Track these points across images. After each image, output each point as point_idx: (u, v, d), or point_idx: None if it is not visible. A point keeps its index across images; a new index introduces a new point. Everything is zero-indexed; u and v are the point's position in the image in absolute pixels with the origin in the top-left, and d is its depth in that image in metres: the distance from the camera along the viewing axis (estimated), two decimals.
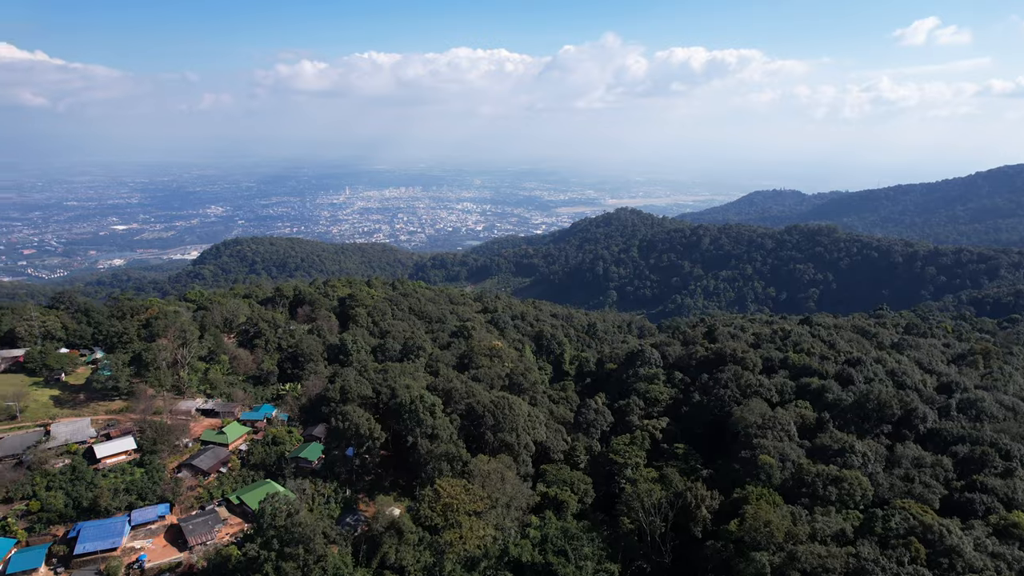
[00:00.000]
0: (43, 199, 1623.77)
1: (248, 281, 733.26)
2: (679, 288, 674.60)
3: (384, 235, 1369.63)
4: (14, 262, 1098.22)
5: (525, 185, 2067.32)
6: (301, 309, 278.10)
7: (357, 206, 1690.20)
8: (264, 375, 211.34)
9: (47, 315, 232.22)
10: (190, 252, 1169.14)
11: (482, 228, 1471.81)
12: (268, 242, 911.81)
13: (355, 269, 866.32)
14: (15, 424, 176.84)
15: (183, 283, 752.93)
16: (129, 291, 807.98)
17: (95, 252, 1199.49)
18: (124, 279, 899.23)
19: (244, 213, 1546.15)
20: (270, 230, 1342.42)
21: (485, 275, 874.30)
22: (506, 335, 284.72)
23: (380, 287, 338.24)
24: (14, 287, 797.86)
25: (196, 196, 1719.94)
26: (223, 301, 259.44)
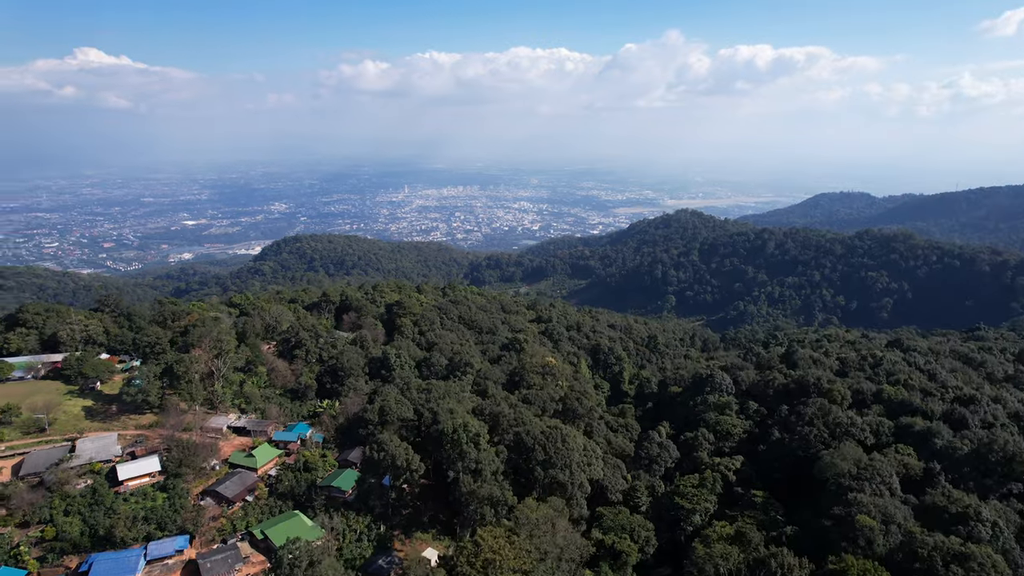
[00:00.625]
0: (123, 195, 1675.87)
1: (305, 279, 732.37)
2: (742, 294, 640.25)
3: (441, 233, 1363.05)
4: (95, 254, 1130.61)
5: (582, 185, 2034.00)
6: (347, 316, 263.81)
7: (415, 204, 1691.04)
8: (302, 389, 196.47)
9: (91, 319, 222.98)
10: (254, 247, 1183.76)
11: (538, 227, 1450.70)
12: (326, 240, 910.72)
13: (411, 268, 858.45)
14: (43, 438, 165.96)
15: (243, 279, 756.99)
16: (194, 283, 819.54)
17: (167, 246, 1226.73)
18: (191, 273, 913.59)
19: (306, 210, 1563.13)
20: (330, 227, 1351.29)
21: (540, 276, 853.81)
22: (560, 348, 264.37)
23: (431, 292, 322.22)
24: (90, 279, 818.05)
25: (261, 193, 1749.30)
26: (266, 307, 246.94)
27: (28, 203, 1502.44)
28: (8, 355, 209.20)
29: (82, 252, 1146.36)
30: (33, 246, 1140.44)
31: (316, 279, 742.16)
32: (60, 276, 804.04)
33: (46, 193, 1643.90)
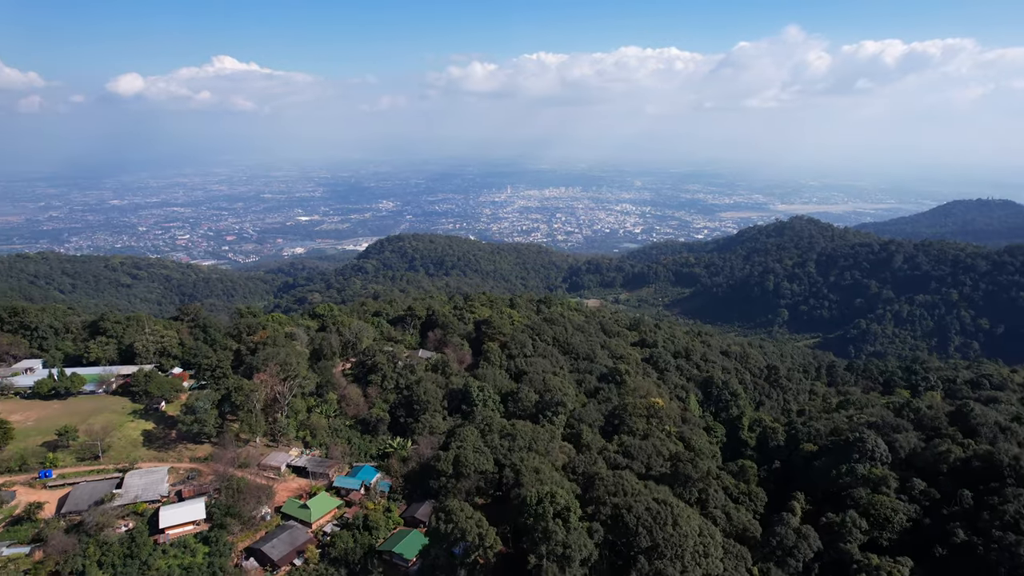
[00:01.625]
0: (245, 191, 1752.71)
1: (405, 279, 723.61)
2: (863, 311, 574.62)
3: (542, 234, 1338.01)
4: (219, 247, 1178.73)
5: (687, 187, 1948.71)
6: (432, 333, 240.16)
7: (517, 205, 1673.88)
8: (373, 422, 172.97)
9: (168, 329, 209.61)
10: (361, 243, 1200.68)
11: (640, 231, 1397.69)
12: (428, 239, 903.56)
13: (509, 270, 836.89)
14: (95, 466, 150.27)
15: (346, 276, 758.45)
16: (301, 278, 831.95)
17: (282, 240, 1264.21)
18: (299, 268, 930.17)
19: (412, 208, 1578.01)
20: (434, 226, 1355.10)
21: (642, 283, 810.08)
22: (667, 379, 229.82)
23: (524, 307, 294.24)
24: (209, 271, 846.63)
25: (370, 191, 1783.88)
26: (347, 321, 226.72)
27: (167, 198, 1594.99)
28: (88, 364, 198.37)
29: (208, 244, 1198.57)
30: (169, 238, 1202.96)
31: (415, 279, 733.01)
32: (184, 268, 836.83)
33: (182, 189, 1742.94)
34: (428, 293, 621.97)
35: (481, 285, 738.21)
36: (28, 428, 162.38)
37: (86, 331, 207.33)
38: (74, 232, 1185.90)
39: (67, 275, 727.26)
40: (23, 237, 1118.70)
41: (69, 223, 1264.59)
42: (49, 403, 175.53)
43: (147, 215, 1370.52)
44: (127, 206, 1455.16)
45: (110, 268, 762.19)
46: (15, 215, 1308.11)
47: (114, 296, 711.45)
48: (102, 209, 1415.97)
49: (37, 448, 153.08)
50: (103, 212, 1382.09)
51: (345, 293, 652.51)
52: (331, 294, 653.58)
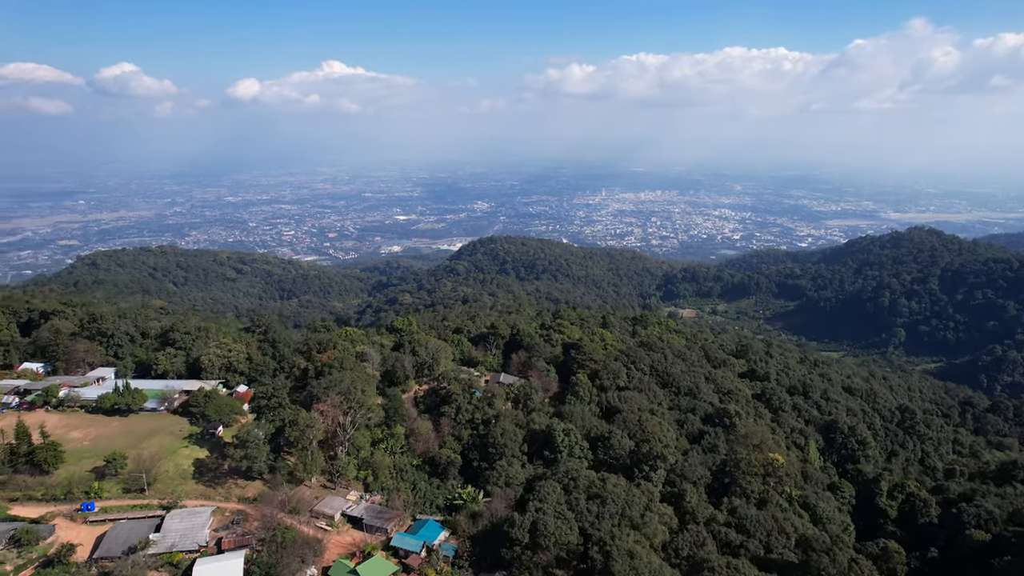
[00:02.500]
0: (348, 190, 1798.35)
1: (495, 282, 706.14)
2: (999, 335, 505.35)
3: (636, 238, 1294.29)
4: (321, 243, 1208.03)
5: (791, 193, 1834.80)
6: (516, 355, 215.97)
7: (612, 208, 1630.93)
8: (443, 465, 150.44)
9: (237, 342, 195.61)
10: (455, 243, 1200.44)
11: (739, 237, 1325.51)
12: (520, 242, 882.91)
13: (601, 276, 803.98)
14: (139, 500, 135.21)
15: (437, 277, 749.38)
16: (394, 277, 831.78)
17: (380, 239, 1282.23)
18: (394, 267, 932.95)
19: (506, 210, 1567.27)
20: (528, 227, 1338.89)
21: (742, 293, 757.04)
22: (782, 421, 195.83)
23: (618, 326, 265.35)
24: (308, 268, 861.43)
25: (466, 192, 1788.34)
26: (423, 340, 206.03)
27: (276, 196, 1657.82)
28: (156, 376, 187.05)
29: (311, 240, 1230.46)
30: (276, 233, 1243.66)
31: (505, 283, 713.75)
32: (285, 264, 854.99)
33: (290, 187, 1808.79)
34: (516, 299, 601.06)
35: (572, 291, 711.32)
36: (83, 449, 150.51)
37: (157, 340, 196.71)
38: (194, 226, 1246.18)
39: (181, 268, 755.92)
40: (152, 230, 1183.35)
41: (190, 218, 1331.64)
42: (110, 420, 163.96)
43: (257, 211, 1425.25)
44: (240, 203, 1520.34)
45: (218, 262, 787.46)
46: (146, 210, 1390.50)
47: (220, 289, 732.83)
48: (219, 205, 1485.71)
49: (86, 474, 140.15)
50: (219, 208, 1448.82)
51: (435, 295, 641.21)
52: (421, 295, 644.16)
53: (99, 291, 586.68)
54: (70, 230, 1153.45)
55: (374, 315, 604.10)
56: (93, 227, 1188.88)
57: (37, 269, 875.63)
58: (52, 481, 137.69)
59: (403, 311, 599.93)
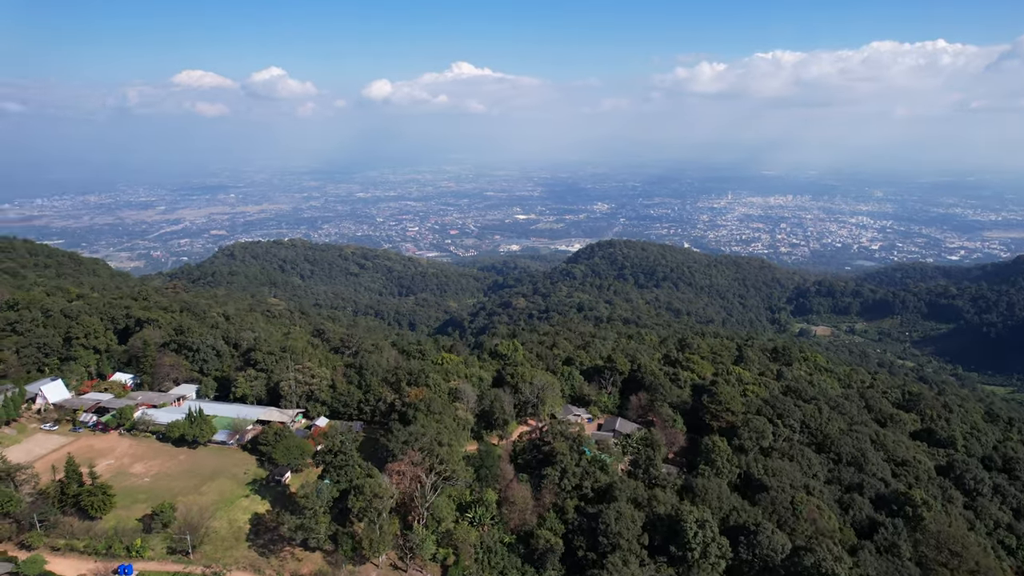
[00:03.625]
0: (471, 188, 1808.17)
1: (612, 289, 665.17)
2: None
3: (763, 245, 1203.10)
4: (443, 240, 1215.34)
5: (940, 200, 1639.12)
6: (636, 397, 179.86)
7: (737, 212, 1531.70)
8: (540, 551, 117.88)
9: (322, 366, 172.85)
10: (573, 244, 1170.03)
11: (878, 247, 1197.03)
12: (639, 247, 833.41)
13: (726, 286, 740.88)
14: (181, 566, 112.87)
15: (553, 281, 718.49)
16: (510, 278, 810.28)
17: (499, 237, 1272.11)
18: (511, 267, 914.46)
19: (626, 211, 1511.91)
20: (648, 230, 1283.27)
21: (884, 311, 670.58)
22: (980, 510, 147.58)
23: (756, 360, 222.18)
24: (427, 266, 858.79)
25: (586, 193, 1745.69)
26: (527, 375, 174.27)
27: (402, 193, 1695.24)
28: (235, 399, 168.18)
29: (433, 237, 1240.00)
30: (400, 229, 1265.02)
31: (623, 290, 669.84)
32: (405, 261, 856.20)
33: (416, 185, 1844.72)
34: (634, 309, 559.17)
35: (694, 302, 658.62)
36: (140, 488, 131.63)
37: (239, 359, 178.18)
38: (326, 220, 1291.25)
39: (308, 261, 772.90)
40: (289, 223, 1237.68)
41: (324, 212, 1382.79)
42: (177, 452, 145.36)
43: (385, 207, 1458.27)
44: (370, 198, 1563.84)
45: (343, 257, 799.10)
46: (286, 204, 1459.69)
47: (343, 284, 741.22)
48: (350, 200, 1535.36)
49: (134, 523, 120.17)
50: (350, 203, 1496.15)
51: (549, 300, 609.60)
52: (535, 300, 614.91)
53: (233, 282, 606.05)
54: (221, 221, 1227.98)
55: (487, 318, 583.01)
56: (240, 218, 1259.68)
57: (192, 256, 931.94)
58: (98, 529, 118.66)
59: (516, 316, 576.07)
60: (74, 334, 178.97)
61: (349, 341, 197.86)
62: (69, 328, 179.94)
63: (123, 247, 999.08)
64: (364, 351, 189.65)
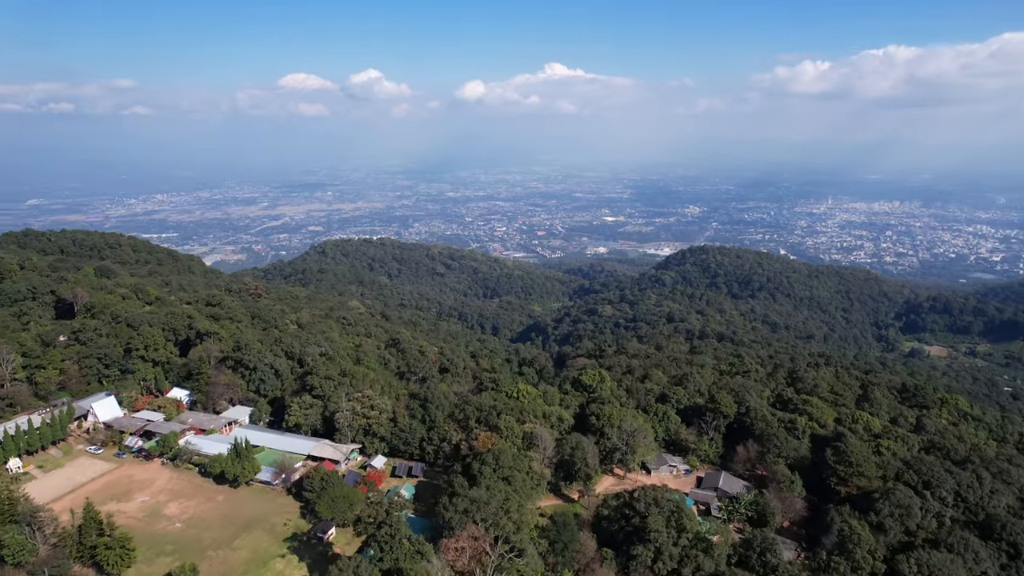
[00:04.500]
0: (559, 189, 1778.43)
1: (704, 299, 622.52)
2: None
3: (866, 253, 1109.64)
4: (530, 241, 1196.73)
5: None
6: (743, 448, 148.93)
7: (838, 218, 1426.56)
8: None
9: (382, 395, 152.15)
10: (662, 248, 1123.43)
11: (999, 259, 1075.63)
12: (734, 254, 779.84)
13: (828, 299, 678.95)
14: None
15: (642, 288, 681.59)
16: (597, 283, 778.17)
17: (586, 239, 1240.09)
18: (598, 270, 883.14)
19: (719, 215, 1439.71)
20: (742, 235, 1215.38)
21: (1012, 333, 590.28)
22: None
23: (882, 402, 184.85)
24: (513, 267, 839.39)
25: (677, 195, 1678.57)
26: (616, 415, 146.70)
27: (492, 193, 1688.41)
28: (287, 429, 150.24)
29: (521, 237, 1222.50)
30: (488, 228, 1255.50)
31: (716, 300, 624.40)
32: (491, 262, 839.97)
33: (505, 185, 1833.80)
34: (729, 322, 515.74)
35: (793, 315, 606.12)
36: (169, 535, 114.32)
37: (296, 382, 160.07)
38: (417, 219, 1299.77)
39: (396, 260, 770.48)
40: (382, 220, 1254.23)
41: (414, 211, 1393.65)
42: (217, 491, 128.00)
43: (474, 207, 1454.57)
44: (460, 198, 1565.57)
45: (430, 257, 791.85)
46: (379, 202, 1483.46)
47: (428, 284, 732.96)
48: (440, 200, 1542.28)
49: None
50: (440, 202, 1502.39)
51: (637, 308, 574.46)
52: (622, 308, 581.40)
53: (322, 279, 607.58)
54: (318, 217, 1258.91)
55: (571, 325, 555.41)
56: (335, 216, 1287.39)
57: (290, 251, 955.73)
58: None
59: (602, 324, 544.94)
60: (134, 346, 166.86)
61: (416, 367, 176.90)
62: (130, 339, 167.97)
63: (228, 241, 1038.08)
64: (431, 378, 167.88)
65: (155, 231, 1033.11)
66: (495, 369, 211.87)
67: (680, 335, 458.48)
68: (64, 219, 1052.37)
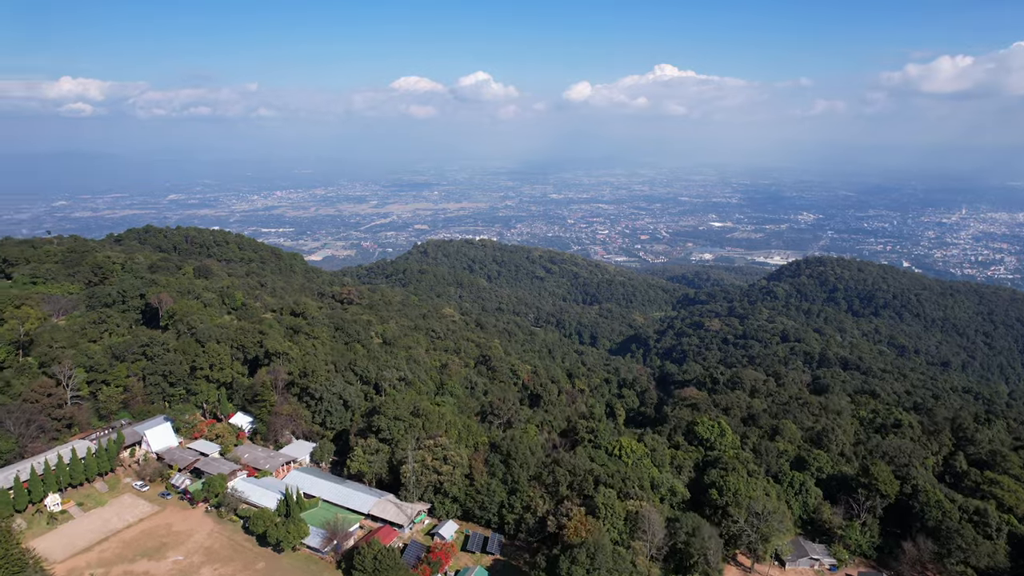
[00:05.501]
0: (664, 193, 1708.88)
1: (823, 316, 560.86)
2: None
3: (1006, 269, 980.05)
4: (632, 245, 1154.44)
5: None
6: (914, 544, 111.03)
7: (973, 229, 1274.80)
8: None
9: (460, 441, 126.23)
10: (772, 256, 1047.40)
11: None
12: (855, 267, 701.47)
13: (966, 321, 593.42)
14: None
15: (752, 300, 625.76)
16: (703, 293, 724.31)
17: (691, 244, 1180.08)
18: (704, 278, 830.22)
19: (835, 223, 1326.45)
20: (860, 245, 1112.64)
21: None
22: None
23: None
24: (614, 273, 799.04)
25: (790, 201, 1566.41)
26: (742, 489, 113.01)
27: (595, 195, 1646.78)
28: (349, 476, 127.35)
29: (623, 241, 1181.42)
30: (590, 231, 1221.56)
31: (836, 318, 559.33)
32: (592, 267, 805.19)
33: (609, 188, 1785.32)
34: (854, 347, 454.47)
35: (924, 338, 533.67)
36: None
37: (363, 419, 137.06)
38: (519, 220, 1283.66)
39: (496, 263, 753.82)
40: (484, 221, 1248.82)
41: (517, 212, 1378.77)
42: (258, 554, 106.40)
43: (576, 209, 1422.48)
44: (562, 200, 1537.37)
45: (530, 260, 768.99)
46: (483, 202, 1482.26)
47: (527, 287, 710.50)
48: (543, 201, 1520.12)
49: None
50: (543, 204, 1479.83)
51: (747, 324, 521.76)
52: (731, 323, 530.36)
53: (422, 280, 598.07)
54: (424, 216, 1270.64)
55: (675, 339, 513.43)
56: (440, 215, 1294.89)
57: (396, 247, 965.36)
58: None
59: (708, 340, 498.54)
60: (199, 364, 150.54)
61: (499, 409, 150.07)
62: (196, 356, 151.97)
63: (339, 237, 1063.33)
64: (517, 422, 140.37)
65: (273, 225, 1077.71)
66: (592, 414, 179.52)
67: (797, 358, 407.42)
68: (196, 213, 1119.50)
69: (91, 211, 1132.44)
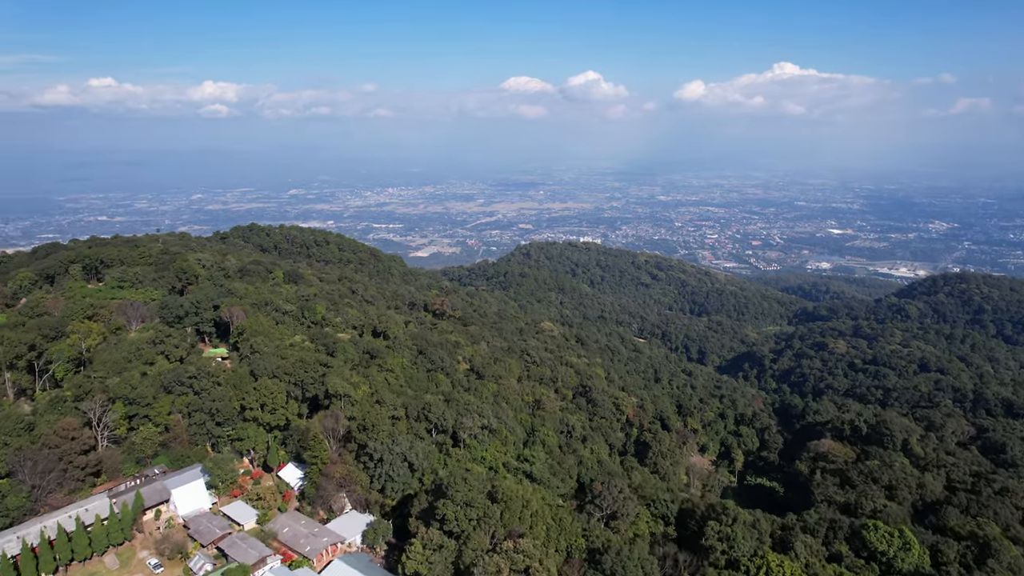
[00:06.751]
0: (779, 197, 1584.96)
1: (969, 342, 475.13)
2: None
3: None
4: (743, 250, 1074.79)
5: None
6: None
7: None
8: None
9: (557, 531, 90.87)
10: (898, 267, 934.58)
11: None
12: (1008, 285, 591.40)
13: None
14: None
15: (879, 318, 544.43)
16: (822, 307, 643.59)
17: (808, 252, 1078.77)
18: (822, 290, 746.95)
19: (973, 233, 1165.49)
20: (1002, 259, 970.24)
21: None
22: None
23: None
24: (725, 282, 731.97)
25: (919, 208, 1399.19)
26: None
27: (704, 198, 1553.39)
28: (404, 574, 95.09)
29: (733, 246, 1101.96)
30: (699, 235, 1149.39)
31: (983, 344, 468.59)
32: (700, 275, 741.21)
33: (719, 190, 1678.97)
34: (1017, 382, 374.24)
35: None
36: None
37: (430, 496, 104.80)
38: (625, 221, 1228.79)
39: (599, 267, 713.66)
40: (589, 222, 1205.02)
41: (623, 213, 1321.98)
42: None
43: (684, 212, 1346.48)
44: (670, 202, 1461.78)
45: (635, 266, 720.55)
46: (588, 203, 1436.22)
47: (631, 294, 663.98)
48: (650, 203, 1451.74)
49: None
50: (650, 206, 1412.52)
51: (877, 347, 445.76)
52: (858, 344, 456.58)
53: (523, 284, 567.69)
54: (528, 215, 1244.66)
55: (794, 360, 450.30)
56: (545, 215, 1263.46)
57: (500, 247, 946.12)
58: None
59: (833, 364, 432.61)
60: (248, 403, 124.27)
61: (601, 499, 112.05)
62: (246, 393, 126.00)
63: (446, 234, 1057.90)
64: (625, 514, 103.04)
65: (384, 221, 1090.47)
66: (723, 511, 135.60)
67: (944, 394, 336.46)
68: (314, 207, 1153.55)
69: (221, 204, 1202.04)
